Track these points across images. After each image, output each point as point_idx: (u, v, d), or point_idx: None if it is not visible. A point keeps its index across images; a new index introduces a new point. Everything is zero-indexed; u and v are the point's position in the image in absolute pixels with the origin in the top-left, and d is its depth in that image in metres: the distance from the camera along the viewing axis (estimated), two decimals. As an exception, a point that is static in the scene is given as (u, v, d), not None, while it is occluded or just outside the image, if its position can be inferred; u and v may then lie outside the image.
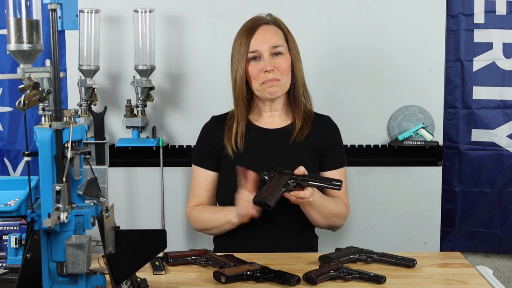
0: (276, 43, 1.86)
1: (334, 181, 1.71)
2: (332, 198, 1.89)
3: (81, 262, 1.23)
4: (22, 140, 2.41)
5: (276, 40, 1.87)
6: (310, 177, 1.71)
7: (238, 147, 1.91)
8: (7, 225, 1.80)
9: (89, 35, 2.23)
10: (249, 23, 1.90)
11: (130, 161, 2.40)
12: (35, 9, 1.28)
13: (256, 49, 1.85)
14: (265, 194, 1.68)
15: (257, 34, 1.86)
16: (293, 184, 1.69)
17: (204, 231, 1.97)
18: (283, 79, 1.87)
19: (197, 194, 1.98)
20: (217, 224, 1.89)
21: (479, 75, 2.36)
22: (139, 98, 2.29)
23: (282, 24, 1.92)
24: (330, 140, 1.97)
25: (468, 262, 1.69)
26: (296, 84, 1.91)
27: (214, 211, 1.92)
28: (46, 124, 1.27)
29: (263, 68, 1.85)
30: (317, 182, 1.70)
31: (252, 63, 1.87)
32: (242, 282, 1.51)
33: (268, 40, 1.86)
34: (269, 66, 1.84)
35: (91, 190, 1.30)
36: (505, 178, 2.38)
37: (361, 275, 1.52)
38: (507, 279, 2.53)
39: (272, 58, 1.86)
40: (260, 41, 1.86)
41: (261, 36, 1.86)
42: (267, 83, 1.86)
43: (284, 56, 1.88)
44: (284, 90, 1.90)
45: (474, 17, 2.33)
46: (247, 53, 1.86)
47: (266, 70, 1.84)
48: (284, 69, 1.87)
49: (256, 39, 1.86)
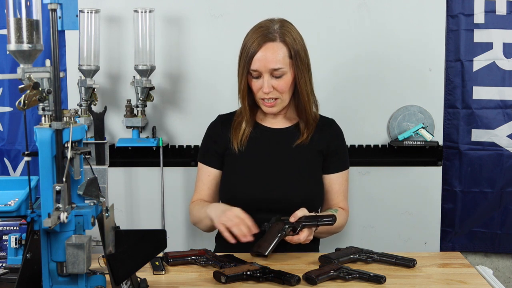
0: (276, 66, 1.82)
1: (326, 218, 1.71)
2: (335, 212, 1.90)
3: (81, 262, 1.23)
4: (22, 140, 2.41)
5: (277, 61, 1.82)
6: (305, 219, 1.71)
7: (243, 144, 1.92)
8: (7, 225, 1.80)
9: (89, 35, 2.23)
10: (258, 34, 1.84)
11: (130, 161, 2.40)
12: (35, 9, 1.28)
13: (256, 68, 1.84)
14: (261, 243, 1.71)
15: (260, 52, 1.82)
16: (289, 229, 1.71)
17: (196, 225, 1.98)
18: (281, 97, 1.88)
19: (198, 190, 2.00)
20: (199, 219, 1.90)
21: (479, 75, 2.36)
22: (139, 98, 2.29)
23: (289, 36, 1.85)
24: (334, 142, 1.97)
25: (468, 262, 1.69)
26: (301, 95, 1.89)
27: (202, 206, 1.92)
28: (46, 124, 1.27)
29: (262, 88, 1.85)
30: (310, 222, 1.71)
31: (254, 79, 1.87)
32: (242, 282, 1.51)
33: (269, 61, 1.82)
34: (266, 89, 1.84)
35: (91, 190, 1.30)
36: (505, 178, 2.38)
37: (361, 275, 1.52)
38: (507, 279, 2.53)
39: (272, 79, 1.85)
40: (261, 62, 1.82)
41: (263, 57, 1.82)
42: (265, 103, 1.88)
43: (285, 77, 1.85)
44: (283, 106, 1.91)
45: (474, 17, 2.33)
46: (249, 68, 1.84)
47: (264, 92, 1.85)
48: (284, 89, 1.86)
49: (258, 58, 1.82)
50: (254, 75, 1.85)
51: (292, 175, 1.90)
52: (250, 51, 1.83)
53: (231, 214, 1.72)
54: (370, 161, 2.40)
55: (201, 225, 1.93)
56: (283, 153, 1.94)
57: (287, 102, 1.91)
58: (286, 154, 1.93)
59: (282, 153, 1.94)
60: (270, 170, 1.90)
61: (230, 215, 1.72)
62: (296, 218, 1.72)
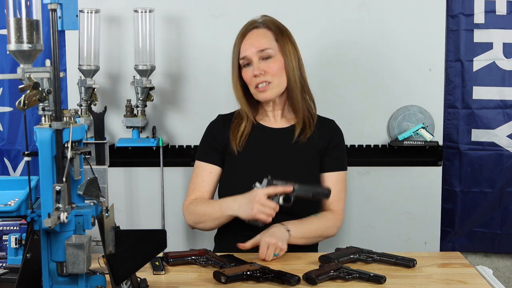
0: (263, 46, 1.86)
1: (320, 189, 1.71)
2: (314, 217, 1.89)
3: (81, 262, 1.23)
4: (22, 140, 2.41)
5: (263, 43, 1.87)
6: (299, 188, 1.72)
7: (242, 145, 1.93)
8: (7, 225, 1.80)
9: (89, 35, 2.23)
10: (243, 28, 1.92)
11: (130, 161, 2.40)
12: (35, 9, 1.28)
13: (244, 55, 1.87)
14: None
15: (245, 40, 1.88)
16: (280, 198, 1.73)
17: (197, 224, 1.92)
18: (274, 80, 1.87)
19: (198, 188, 1.95)
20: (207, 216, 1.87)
21: (479, 75, 2.36)
22: (139, 98, 2.29)
23: (272, 24, 1.91)
24: (333, 142, 1.97)
25: (468, 262, 1.69)
26: (288, 81, 1.90)
27: (209, 203, 1.90)
28: (46, 124, 1.27)
29: (253, 72, 1.86)
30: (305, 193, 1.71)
31: (245, 69, 1.89)
32: (242, 282, 1.51)
33: (255, 45, 1.87)
34: (256, 71, 1.85)
35: (91, 190, 1.30)
36: (505, 178, 2.38)
37: (361, 275, 1.52)
38: (507, 279, 2.53)
39: (261, 62, 1.87)
40: (247, 47, 1.87)
41: (248, 42, 1.88)
42: (258, 88, 1.88)
43: (274, 58, 1.87)
44: (278, 91, 1.90)
45: (474, 17, 2.33)
46: (238, 60, 1.89)
47: (255, 75, 1.86)
48: (275, 70, 1.87)
49: (244, 45, 1.88)
50: (244, 63, 1.88)
51: (291, 175, 1.89)
52: (237, 44, 1.89)
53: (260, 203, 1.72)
54: (370, 161, 2.40)
55: (207, 224, 1.89)
56: (282, 152, 1.94)
57: (280, 87, 1.90)
58: (285, 153, 1.94)
59: (281, 153, 1.94)
60: (269, 169, 1.90)
61: (260, 205, 1.71)
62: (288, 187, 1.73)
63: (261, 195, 1.72)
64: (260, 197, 1.72)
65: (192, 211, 1.92)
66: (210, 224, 1.89)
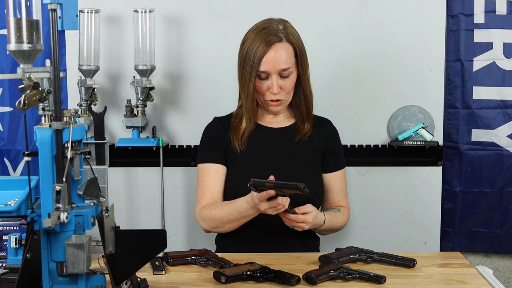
0: (286, 66, 1.84)
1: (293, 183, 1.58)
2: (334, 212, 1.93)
3: (81, 262, 1.23)
4: (22, 140, 2.41)
5: (285, 61, 1.84)
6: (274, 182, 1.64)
7: (244, 144, 1.93)
8: (7, 225, 1.80)
9: (89, 35, 2.23)
10: (264, 35, 1.84)
11: (130, 161, 2.40)
12: (35, 9, 1.28)
13: (265, 70, 1.83)
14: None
15: (268, 54, 1.82)
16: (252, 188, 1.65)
17: (215, 229, 1.89)
18: (287, 97, 1.91)
19: (208, 190, 1.92)
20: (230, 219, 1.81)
21: (479, 75, 2.35)
22: (139, 98, 2.29)
23: (294, 36, 1.87)
24: (332, 142, 2.00)
25: (468, 262, 1.69)
26: (305, 92, 1.93)
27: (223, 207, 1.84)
28: (46, 124, 1.27)
29: (270, 88, 1.86)
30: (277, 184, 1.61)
31: (261, 80, 1.86)
32: (242, 282, 1.51)
33: (279, 62, 1.83)
34: (275, 90, 1.85)
35: (91, 190, 1.30)
36: (505, 178, 2.38)
37: (361, 275, 1.52)
38: (507, 279, 2.53)
39: (279, 79, 1.86)
40: (270, 63, 1.83)
41: (271, 56, 1.82)
42: (271, 103, 1.89)
43: (291, 76, 1.88)
44: (286, 105, 1.95)
45: (474, 17, 2.33)
46: (257, 70, 1.84)
47: (272, 92, 1.86)
48: (290, 88, 1.89)
49: (267, 58, 1.82)
50: (262, 76, 1.86)
51: (293, 173, 1.90)
52: (258, 53, 1.82)
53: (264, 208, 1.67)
54: (370, 161, 2.40)
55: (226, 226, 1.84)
56: (283, 151, 1.95)
57: (289, 101, 1.94)
58: (286, 152, 1.95)
59: (283, 152, 1.94)
60: (271, 168, 1.89)
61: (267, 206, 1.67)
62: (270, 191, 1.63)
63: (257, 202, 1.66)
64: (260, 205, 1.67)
65: (206, 216, 1.87)
66: (229, 226, 1.84)
